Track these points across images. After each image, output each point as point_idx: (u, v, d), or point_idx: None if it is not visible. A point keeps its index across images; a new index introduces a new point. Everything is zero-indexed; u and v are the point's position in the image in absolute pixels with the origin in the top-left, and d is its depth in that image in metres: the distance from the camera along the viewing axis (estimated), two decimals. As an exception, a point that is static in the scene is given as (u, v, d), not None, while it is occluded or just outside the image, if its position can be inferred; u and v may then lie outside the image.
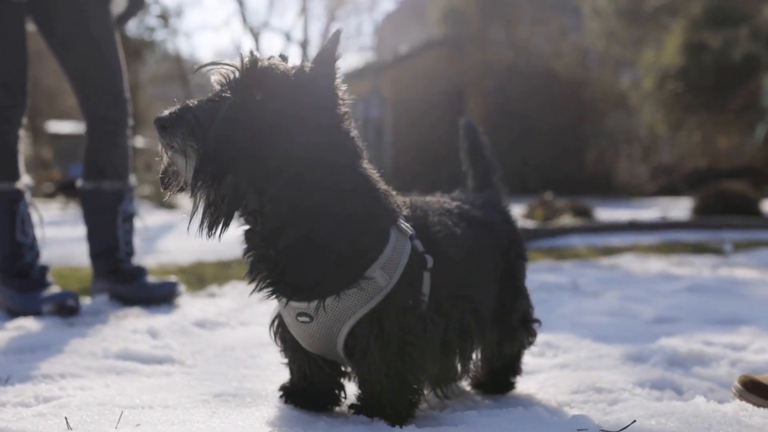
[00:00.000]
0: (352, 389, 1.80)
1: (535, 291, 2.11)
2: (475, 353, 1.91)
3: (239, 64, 1.56)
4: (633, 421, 1.64)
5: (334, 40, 1.59)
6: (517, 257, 2.03)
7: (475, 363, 1.97)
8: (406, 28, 32.24)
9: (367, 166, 1.67)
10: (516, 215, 2.18)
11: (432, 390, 1.79)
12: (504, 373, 2.06)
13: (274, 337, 1.83)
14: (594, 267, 5.19)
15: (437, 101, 22.21)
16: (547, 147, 22.27)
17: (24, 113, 3.17)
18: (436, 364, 1.72)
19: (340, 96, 1.61)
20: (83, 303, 3.22)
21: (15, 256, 3.13)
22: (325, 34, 28.42)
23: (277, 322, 1.81)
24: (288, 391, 1.83)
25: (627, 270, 5.02)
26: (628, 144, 25.09)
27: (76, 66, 3.33)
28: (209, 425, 1.61)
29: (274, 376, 2.12)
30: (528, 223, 8.49)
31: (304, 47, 25.64)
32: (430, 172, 19.98)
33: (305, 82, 1.57)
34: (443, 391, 1.81)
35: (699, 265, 5.27)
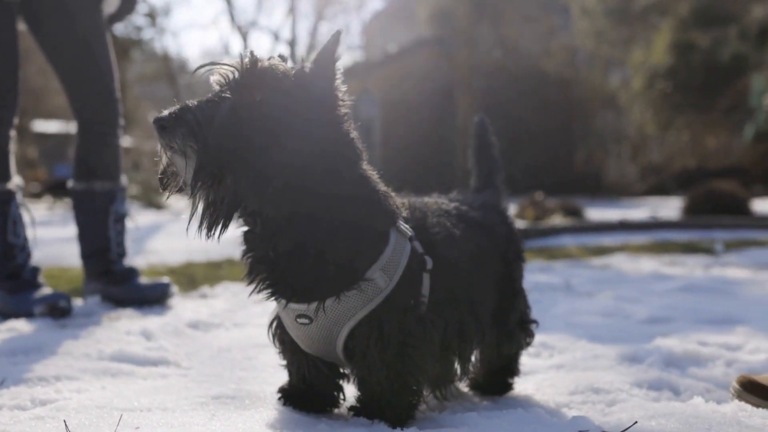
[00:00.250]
0: (350, 391, 1.79)
1: (529, 291, 2.11)
2: (474, 354, 1.91)
3: (239, 64, 1.55)
4: (634, 423, 1.63)
5: (333, 40, 1.57)
6: (515, 258, 2.03)
7: (474, 364, 1.97)
8: (393, 27, 32.24)
9: (367, 167, 1.66)
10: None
11: (431, 391, 1.79)
12: (502, 374, 2.06)
13: (272, 339, 1.82)
14: (586, 267, 5.20)
15: (426, 100, 22.21)
16: (537, 146, 22.30)
17: (15, 114, 3.14)
18: (435, 365, 1.71)
19: (339, 97, 1.60)
20: (75, 304, 3.20)
21: (6, 257, 3.11)
22: (314, 33, 28.40)
23: (276, 323, 1.80)
24: (287, 393, 1.82)
25: (619, 270, 5.03)
26: (617, 143, 25.16)
27: (66, 67, 3.31)
28: (209, 428, 1.59)
29: (271, 377, 2.11)
30: (519, 223, 8.48)
31: (292, 46, 25.59)
32: (419, 170, 19.98)
33: (305, 82, 1.56)
34: (442, 393, 1.81)
35: (691, 265, 5.29)
